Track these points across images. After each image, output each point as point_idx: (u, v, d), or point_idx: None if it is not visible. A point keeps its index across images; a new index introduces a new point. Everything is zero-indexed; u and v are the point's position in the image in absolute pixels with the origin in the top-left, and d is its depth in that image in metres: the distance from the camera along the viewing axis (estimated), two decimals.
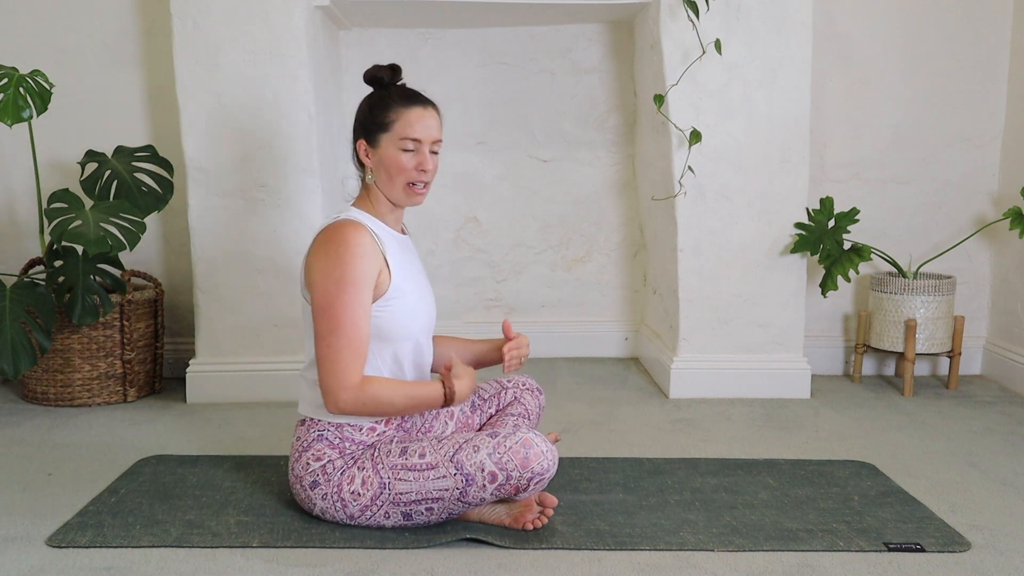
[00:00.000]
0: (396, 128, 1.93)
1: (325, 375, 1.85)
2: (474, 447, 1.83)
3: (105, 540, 1.86)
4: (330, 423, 1.92)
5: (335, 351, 1.83)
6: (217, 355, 2.94)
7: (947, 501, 2.13)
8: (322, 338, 1.85)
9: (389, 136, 1.94)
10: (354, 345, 1.84)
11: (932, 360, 3.34)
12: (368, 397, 1.84)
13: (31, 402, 2.90)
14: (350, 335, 1.84)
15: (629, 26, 3.34)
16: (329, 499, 1.90)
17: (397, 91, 1.98)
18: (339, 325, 1.83)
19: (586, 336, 3.55)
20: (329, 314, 1.84)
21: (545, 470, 1.82)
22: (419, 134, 1.94)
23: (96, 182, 2.84)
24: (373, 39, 3.31)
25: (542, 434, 1.86)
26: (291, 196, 2.86)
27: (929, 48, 3.22)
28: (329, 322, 1.84)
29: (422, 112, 1.95)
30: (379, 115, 1.95)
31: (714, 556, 1.83)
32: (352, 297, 1.84)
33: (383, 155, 1.95)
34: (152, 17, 3.11)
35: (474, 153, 3.42)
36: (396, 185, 1.96)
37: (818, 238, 2.93)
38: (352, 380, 1.84)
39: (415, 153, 1.94)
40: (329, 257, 1.86)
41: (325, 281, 1.85)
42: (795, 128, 2.91)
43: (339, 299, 1.84)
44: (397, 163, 1.94)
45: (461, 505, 1.86)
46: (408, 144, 1.93)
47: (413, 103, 1.95)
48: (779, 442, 2.55)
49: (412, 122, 1.93)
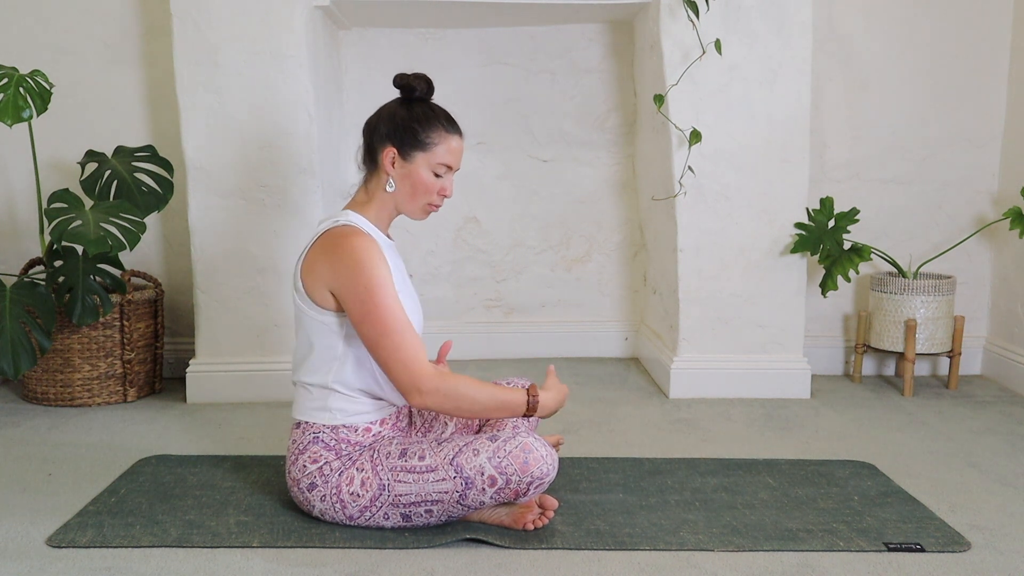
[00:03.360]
0: (436, 152, 1.94)
1: (397, 375, 1.84)
2: (474, 451, 1.83)
3: (105, 540, 1.86)
4: (325, 425, 1.92)
5: (395, 351, 1.84)
6: (217, 355, 2.94)
7: (947, 501, 2.13)
8: (376, 346, 1.85)
9: (426, 156, 1.94)
10: (408, 339, 1.84)
11: (932, 360, 3.34)
12: (450, 388, 1.84)
13: (31, 402, 2.91)
14: (401, 330, 1.84)
15: (629, 26, 3.34)
16: (328, 501, 1.90)
17: (443, 113, 1.98)
18: (387, 327, 1.83)
19: (586, 336, 3.55)
20: (372, 321, 1.84)
21: (545, 475, 1.81)
22: (454, 163, 1.97)
23: (96, 182, 2.84)
24: (373, 39, 3.31)
25: (542, 438, 1.86)
26: (291, 196, 2.86)
27: (929, 48, 3.22)
28: (376, 328, 1.84)
29: (460, 142, 1.98)
30: (421, 133, 1.94)
31: (714, 556, 1.83)
32: (386, 297, 1.84)
33: (413, 171, 1.95)
34: (152, 17, 3.11)
35: (474, 153, 3.42)
36: (417, 202, 1.97)
37: (818, 238, 2.93)
38: (426, 370, 1.84)
39: (442, 178, 1.97)
40: (349, 268, 1.86)
41: (355, 292, 1.85)
42: (795, 128, 2.91)
43: (376, 303, 1.84)
44: (426, 184, 1.95)
45: (461, 508, 1.86)
46: (442, 170, 1.96)
47: (456, 131, 1.98)
48: (779, 442, 2.55)
49: (453, 150, 1.96)
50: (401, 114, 1.96)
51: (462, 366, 3.28)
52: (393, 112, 1.98)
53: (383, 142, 1.96)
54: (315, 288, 1.90)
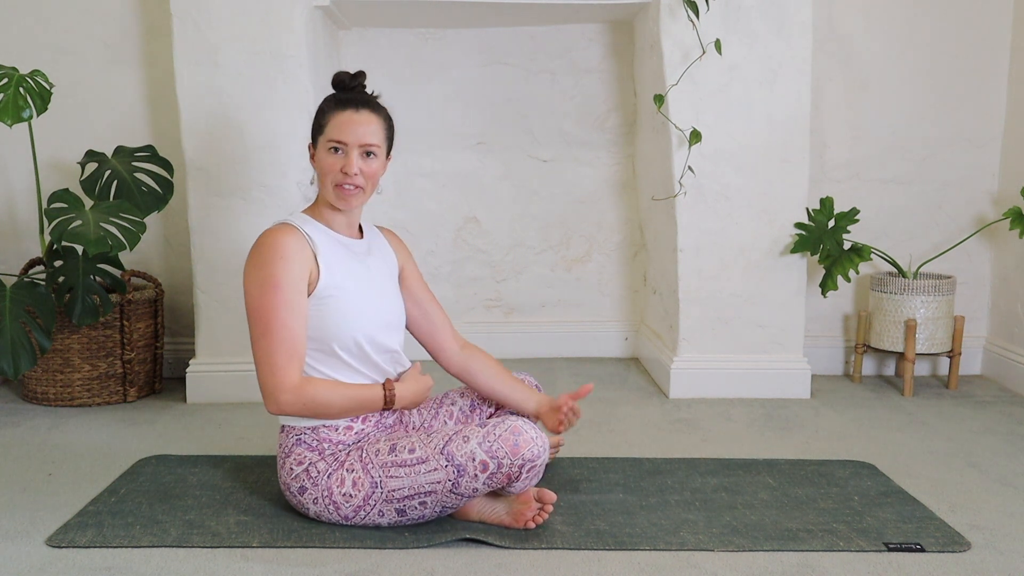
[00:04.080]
0: (327, 130, 1.96)
1: (263, 378, 1.86)
2: (464, 438, 1.83)
3: (105, 540, 1.86)
4: (306, 427, 1.93)
5: (269, 354, 1.85)
6: (217, 355, 2.94)
7: (947, 501, 2.13)
8: (255, 342, 1.87)
9: (322, 138, 1.97)
10: (286, 346, 1.85)
11: (932, 360, 3.34)
12: (308, 398, 1.85)
13: (31, 402, 2.90)
14: (281, 336, 1.84)
15: (629, 26, 3.34)
16: (321, 503, 1.90)
17: (339, 96, 1.99)
18: (269, 328, 1.85)
19: (586, 336, 3.55)
20: (258, 317, 1.86)
21: (536, 456, 1.81)
22: (344, 137, 1.94)
23: (96, 182, 2.84)
24: (373, 39, 3.31)
25: (532, 422, 1.86)
26: (291, 196, 2.86)
27: (929, 48, 3.22)
28: (259, 326, 1.86)
29: (352, 115, 1.95)
30: (318, 117, 1.98)
31: (714, 556, 1.83)
32: (279, 299, 1.85)
33: (318, 156, 1.98)
34: (152, 17, 3.11)
35: (474, 153, 3.42)
36: (327, 186, 1.97)
37: (818, 238, 2.93)
38: (290, 381, 1.84)
39: (342, 155, 1.95)
40: (254, 262, 1.89)
41: (251, 285, 1.88)
42: (795, 128, 2.91)
43: (266, 302, 1.85)
44: (324, 164, 1.96)
45: (454, 497, 1.85)
46: (336, 146, 1.95)
47: (345, 107, 1.96)
48: (779, 442, 2.55)
49: (340, 124, 1.94)
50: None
51: None
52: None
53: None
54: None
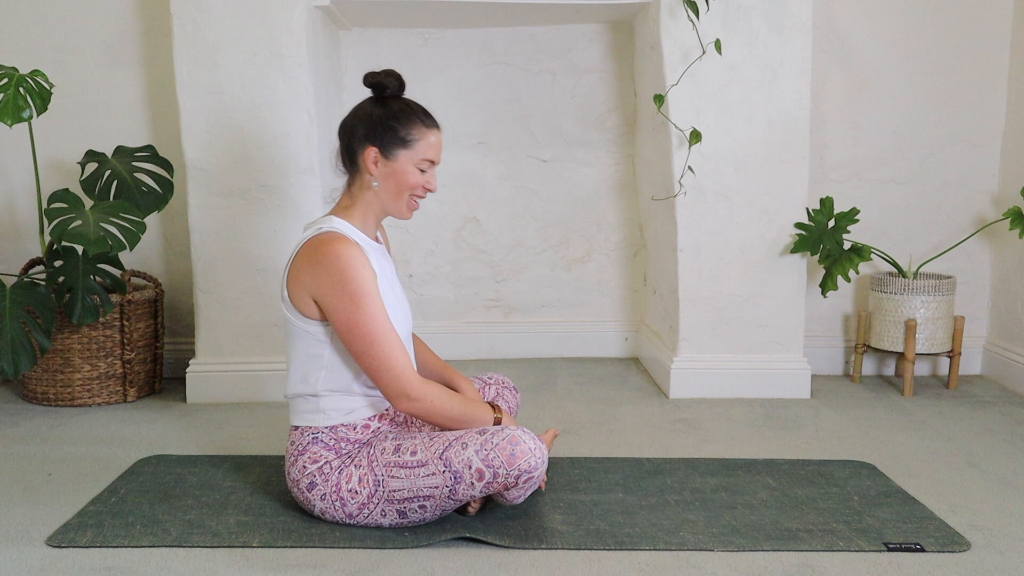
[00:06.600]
0: (418, 147, 1.95)
1: (387, 385, 1.85)
2: (462, 444, 1.83)
3: (105, 540, 1.86)
4: (324, 426, 1.92)
5: (384, 360, 1.84)
6: (217, 355, 2.94)
7: (947, 501, 2.13)
8: (364, 356, 1.85)
9: (408, 153, 1.94)
10: (395, 349, 1.85)
11: (932, 360, 3.34)
12: (435, 396, 1.88)
13: (31, 402, 2.91)
14: (388, 340, 1.84)
15: (629, 26, 3.34)
16: (328, 499, 1.90)
17: (419, 109, 1.98)
18: (374, 339, 1.84)
19: (586, 336, 3.55)
20: (359, 332, 1.84)
21: (533, 467, 1.81)
22: (436, 157, 1.98)
23: (96, 182, 2.84)
24: (373, 39, 3.31)
25: (530, 431, 1.87)
26: (291, 196, 2.86)
27: (929, 48, 3.22)
28: (363, 339, 1.84)
29: (439, 136, 1.99)
30: (401, 130, 1.94)
31: (714, 556, 1.83)
32: (372, 307, 1.84)
33: (397, 169, 1.95)
34: (152, 17, 3.11)
35: (474, 153, 3.42)
36: (402, 199, 1.97)
37: (818, 238, 2.93)
38: (414, 380, 1.86)
39: (427, 174, 1.98)
40: (333, 277, 1.84)
41: (339, 302, 1.84)
42: (795, 128, 2.91)
43: (362, 314, 1.83)
44: (410, 180, 1.95)
45: (452, 503, 1.86)
46: (426, 165, 1.97)
47: (434, 126, 1.98)
48: (779, 442, 2.55)
49: (433, 145, 1.97)
50: (377, 113, 1.96)
51: (462, 366, 3.28)
52: (369, 112, 1.97)
53: (362, 143, 1.95)
54: (300, 298, 1.90)
